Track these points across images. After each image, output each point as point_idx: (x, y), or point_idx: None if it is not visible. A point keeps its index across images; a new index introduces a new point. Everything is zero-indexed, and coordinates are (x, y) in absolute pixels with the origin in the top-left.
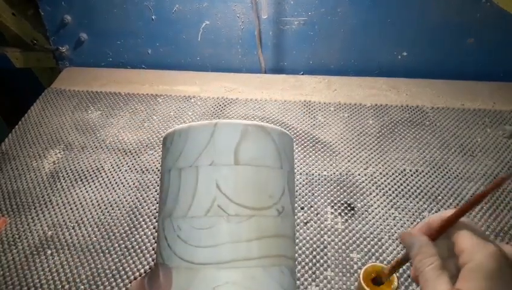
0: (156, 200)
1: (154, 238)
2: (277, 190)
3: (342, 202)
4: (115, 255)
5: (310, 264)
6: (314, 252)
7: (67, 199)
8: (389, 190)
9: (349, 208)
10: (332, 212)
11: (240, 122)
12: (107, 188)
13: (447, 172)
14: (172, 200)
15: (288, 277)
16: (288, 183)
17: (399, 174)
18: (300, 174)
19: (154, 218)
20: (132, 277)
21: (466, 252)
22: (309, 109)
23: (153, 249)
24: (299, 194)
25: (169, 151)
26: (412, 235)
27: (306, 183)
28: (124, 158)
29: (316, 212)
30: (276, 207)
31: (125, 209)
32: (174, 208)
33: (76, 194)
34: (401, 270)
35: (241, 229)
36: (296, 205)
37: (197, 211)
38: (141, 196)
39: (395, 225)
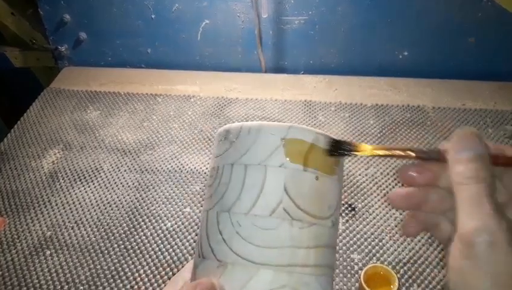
0: (155, 200)
1: (153, 239)
2: (334, 201)
3: (342, 202)
4: (114, 256)
5: None
6: None
7: (66, 199)
8: (390, 190)
9: (350, 209)
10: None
11: (313, 130)
12: (106, 188)
13: None
14: (233, 194)
15: (331, 286)
16: (340, 193)
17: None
18: None
19: (154, 218)
20: (131, 278)
21: None
22: (309, 108)
23: (153, 250)
24: None
25: (234, 145)
26: (476, 138)
27: None
28: (123, 158)
29: None
30: (331, 218)
31: (124, 210)
32: (235, 203)
33: (76, 194)
34: (401, 271)
35: (303, 236)
36: None
37: (261, 210)
38: (140, 196)
39: (396, 226)
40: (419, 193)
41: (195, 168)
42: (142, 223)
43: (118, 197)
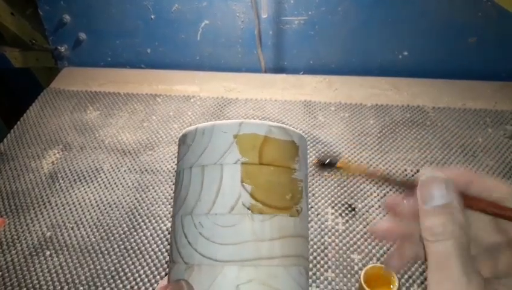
0: (155, 200)
1: (153, 239)
2: (297, 190)
3: (342, 202)
4: (114, 256)
5: (311, 265)
6: (315, 253)
7: (66, 200)
8: (390, 190)
9: (350, 209)
10: (332, 213)
11: (265, 123)
12: (106, 188)
13: None
14: (193, 197)
15: (305, 277)
16: (305, 185)
17: (400, 174)
18: None
19: (154, 219)
20: (131, 278)
21: None
22: (309, 108)
23: (153, 250)
24: None
25: (191, 148)
26: (441, 183)
27: None
28: (123, 158)
29: (316, 213)
30: (296, 208)
31: (124, 210)
32: (196, 205)
33: (75, 194)
34: (402, 271)
35: (265, 228)
36: None
37: (220, 209)
38: (140, 196)
39: None
40: (402, 226)
41: None
42: (142, 223)
43: (117, 198)
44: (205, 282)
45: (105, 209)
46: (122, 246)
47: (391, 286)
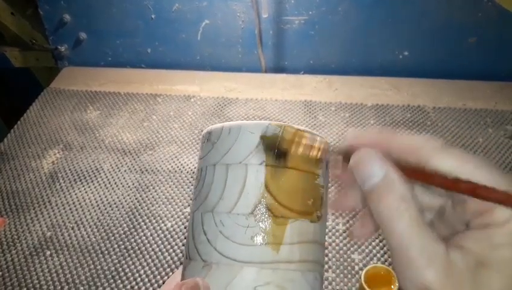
0: (155, 200)
1: (153, 239)
2: (318, 196)
3: None
4: (115, 256)
5: None
6: None
7: (66, 200)
8: None
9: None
10: (333, 213)
11: (293, 126)
12: (107, 188)
13: None
14: (215, 195)
15: (320, 282)
16: (326, 191)
17: None
18: None
19: (154, 219)
20: (132, 278)
21: (501, 210)
22: (310, 108)
23: (153, 250)
24: None
25: (215, 146)
26: (372, 158)
27: None
28: (123, 158)
29: None
30: (317, 213)
31: (124, 210)
32: (218, 203)
33: (76, 194)
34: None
35: (285, 232)
36: None
37: (242, 209)
38: (141, 196)
39: None
40: (353, 195)
41: (195, 168)
42: (142, 223)
43: (118, 198)
44: (222, 281)
45: (106, 209)
46: (123, 246)
47: (392, 286)
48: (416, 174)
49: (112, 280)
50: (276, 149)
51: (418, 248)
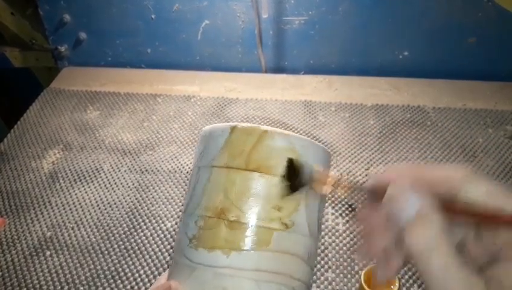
0: (155, 200)
1: (153, 239)
2: (287, 203)
3: (342, 202)
4: (115, 256)
5: None
6: None
7: (66, 200)
8: None
9: (350, 209)
10: (333, 213)
11: (259, 127)
12: (106, 188)
13: None
14: (188, 196)
15: None
16: (307, 199)
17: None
18: None
19: (154, 219)
20: (132, 278)
21: None
22: (310, 108)
23: (153, 250)
24: None
25: (197, 149)
26: (408, 192)
27: None
28: (123, 158)
29: None
30: (283, 221)
31: (124, 210)
32: (188, 204)
33: (76, 194)
34: (402, 271)
35: (239, 237)
36: None
37: (203, 211)
38: (141, 196)
39: None
40: (381, 240)
41: None
42: (142, 223)
43: (118, 198)
44: (180, 279)
45: (106, 209)
46: (122, 246)
47: (392, 287)
48: (452, 208)
49: (112, 280)
50: (238, 152)
51: (459, 283)
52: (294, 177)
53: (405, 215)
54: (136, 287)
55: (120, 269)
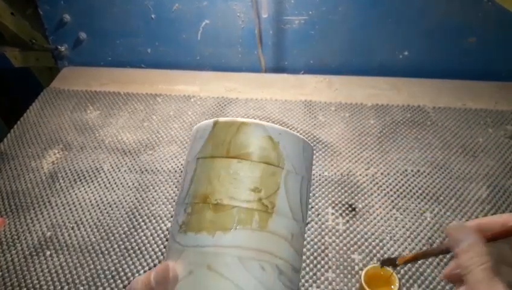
0: (155, 200)
1: (153, 239)
2: (266, 185)
3: (343, 202)
4: (115, 256)
5: (311, 265)
6: (315, 253)
7: (66, 200)
8: (391, 190)
9: (350, 209)
10: (333, 213)
11: (238, 119)
12: (106, 188)
13: (449, 172)
14: (180, 189)
15: (273, 276)
16: (287, 183)
17: (400, 174)
18: None
19: (154, 219)
20: (132, 278)
21: None
22: (310, 108)
23: (153, 250)
24: None
25: (189, 145)
26: (464, 229)
27: None
28: (123, 158)
29: (317, 213)
30: (263, 202)
31: (124, 210)
32: (179, 194)
33: (76, 194)
34: (402, 271)
35: (222, 218)
36: None
37: (190, 198)
38: (141, 196)
39: (396, 226)
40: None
41: None
42: (142, 223)
43: (118, 198)
44: (174, 260)
45: (106, 209)
46: (123, 246)
47: (392, 286)
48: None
49: (112, 280)
50: (220, 142)
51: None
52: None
53: (459, 246)
54: None
55: (120, 269)
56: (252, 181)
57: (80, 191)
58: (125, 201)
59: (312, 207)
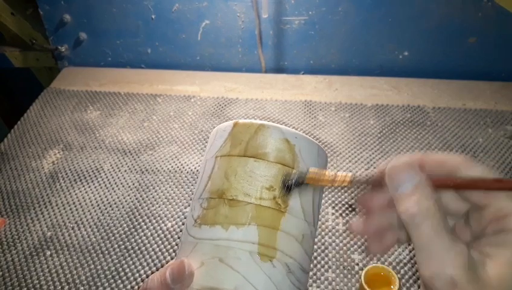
0: (155, 200)
1: (153, 239)
2: (275, 183)
3: (343, 202)
4: (115, 256)
5: (311, 265)
6: (315, 253)
7: (66, 200)
8: None
9: (350, 209)
10: (333, 213)
11: (255, 122)
12: (107, 188)
13: None
14: (197, 185)
15: (282, 273)
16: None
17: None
18: None
19: (154, 219)
20: (132, 278)
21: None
22: (310, 108)
23: (153, 250)
24: None
25: (208, 143)
26: (408, 167)
27: None
28: (123, 158)
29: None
30: (276, 200)
31: (124, 210)
32: (196, 191)
33: (76, 194)
34: (402, 271)
35: (237, 213)
36: None
37: (207, 194)
38: (141, 196)
39: None
40: (378, 218)
41: (195, 168)
42: (142, 223)
43: (118, 198)
44: (185, 256)
45: (106, 209)
46: (123, 246)
47: (392, 286)
48: (447, 183)
49: (112, 280)
50: (238, 142)
51: (444, 246)
52: (288, 182)
53: (402, 189)
54: (136, 287)
55: (120, 269)
56: (267, 180)
57: (80, 191)
58: (125, 201)
59: None
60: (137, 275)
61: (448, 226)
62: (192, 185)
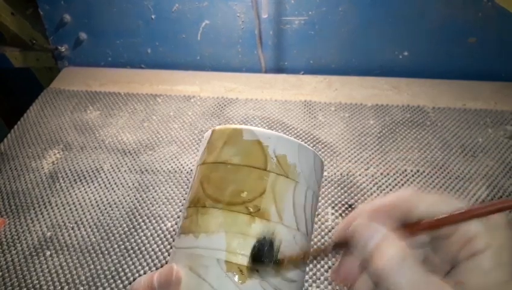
0: (155, 200)
1: (153, 239)
2: (252, 189)
3: (342, 202)
4: (115, 257)
5: (311, 265)
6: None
7: (66, 200)
8: (390, 190)
9: (350, 209)
10: (333, 213)
11: (230, 126)
12: (107, 188)
13: (448, 173)
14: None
15: (253, 281)
16: (275, 187)
17: (400, 174)
18: None
19: (154, 219)
20: (132, 278)
21: (480, 236)
22: (309, 108)
23: (153, 250)
24: None
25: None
26: (369, 225)
27: None
28: (123, 158)
29: (316, 213)
30: (246, 205)
31: (124, 210)
32: (185, 200)
33: (76, 194)
34: None
35: (207, 220)
36: None
37: (187, 204)
38: (141, 196)
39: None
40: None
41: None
42: (142, 223)
43: (118, 198)
44: (174, 262)
45: (106, 209)
46: (123, 246)
47: None
48: (411, 227)
49: (112, 280)
50: (213, 149)
51: (431, 287)
52: (259, 258)
53: (371, 242)
54: None
55: (120, 269)
56: (237, 185)
57: (80, 191)
58: (125, 201)
59: None
60: (137, 275)
61: (423, 268)
62: None
